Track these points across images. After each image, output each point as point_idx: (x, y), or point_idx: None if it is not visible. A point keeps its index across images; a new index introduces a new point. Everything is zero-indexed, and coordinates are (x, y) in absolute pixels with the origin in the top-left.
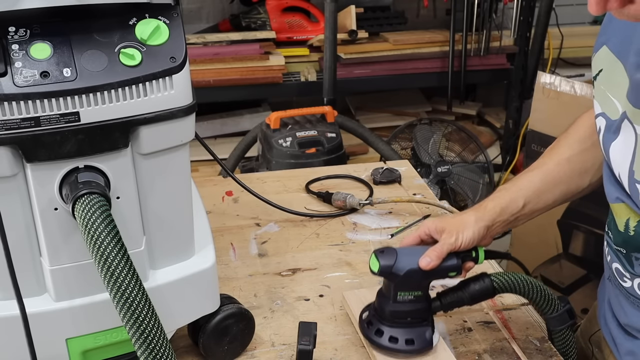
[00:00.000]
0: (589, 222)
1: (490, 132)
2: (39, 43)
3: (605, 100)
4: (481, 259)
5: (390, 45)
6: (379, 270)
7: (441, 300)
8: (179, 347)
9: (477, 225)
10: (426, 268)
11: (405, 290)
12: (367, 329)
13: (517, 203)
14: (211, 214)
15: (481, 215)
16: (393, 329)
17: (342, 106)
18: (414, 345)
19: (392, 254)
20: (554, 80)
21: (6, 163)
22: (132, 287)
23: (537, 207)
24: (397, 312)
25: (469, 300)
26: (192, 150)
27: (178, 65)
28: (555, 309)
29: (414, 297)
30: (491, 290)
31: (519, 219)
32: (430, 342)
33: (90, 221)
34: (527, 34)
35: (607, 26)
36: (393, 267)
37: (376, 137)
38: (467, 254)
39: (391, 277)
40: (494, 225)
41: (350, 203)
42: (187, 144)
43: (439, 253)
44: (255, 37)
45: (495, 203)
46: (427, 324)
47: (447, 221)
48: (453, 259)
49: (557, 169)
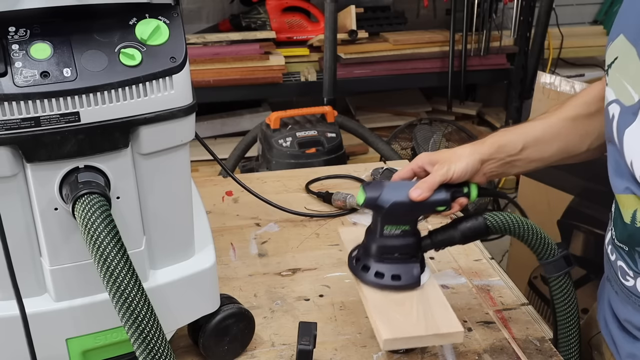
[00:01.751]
0: (589, 222)
1: (490, 132)
2: (39, 43)
3: (620, 87)
4: (473, 196)
5: (390, 45)
6: (364, 202)
7: (432, 238)
8: (179, 347)
9: (471, 157)
10: (417, 199)
11: (392, 224)
12: (354, 266)
13: (516, 145)
14: (211, 214)
15: (477, 148)
16: (380, 264)
17: (342, 106)
18: (400, 281)
19: (379, 186)
20: (554, 80)
21: (6, 163)
22: (131, 287)
23: (534, 155)
24: (384, 247)
25: (460, 238)
26: (192, 150)
27: (178, 65)
28: (552, 254)
29: (401, 232)
30: (484, 229)
31: (515, 163)
32: (418, 280)
33: (90, 221)
34: (527, 34)
35: (623, 15)
36: (378, 199)
37: (376, 137)
38: (459, 189)
39: (377, 209)
40: (489, 162)
41: (350, 203)
42: (187, 144)
43: (430, 184)
44: (255, 37)
45: (494, 140)
46: (415, 261)
47: (442, 153)
48: (442, 193)
49: (560, 124)
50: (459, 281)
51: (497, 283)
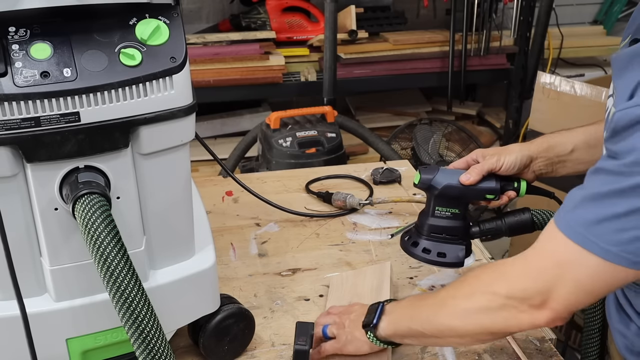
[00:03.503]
0: None
1: (490, 132)
2: (39, 43)
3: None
4: (523, 191)
5: (390, 45)
6: (419, 182)
7: (480, 226)
8: (179, 347)
9: (521, 152)
10: (466, 183)
11: (443, 206)
12: (405, 242)
13: (566, 146)
14: (211, 214)
15: (527, 146)
16: (428, 241)
17: (342, 106)
18: (445, 258)
19: (434, 169)
20: (554, 80)
21: (6, 163)
22: (131, 287)
23: (584, 157)
24: (434, 227)
25: (507, 230)
26: (192, 150)
27: (178, 65)
28: None
29: (451, 214)
30: (530, 224)
31: (565, 164)
32: (462, 261)
33: (91, 221)
34: (527, 34)
35: (636, 18)
36: (432, 180)
37: (376, 137)
38: (509, 182)
39: (430, 190)
40: (538, 159)
41: (350, 203)
42: (187, 144)
43: (479, 170)
44: (255, 37)
45: (544, 140)
46: (461, 243)
47: (494, 148)
48: (492, 181)
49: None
50: None
51: None
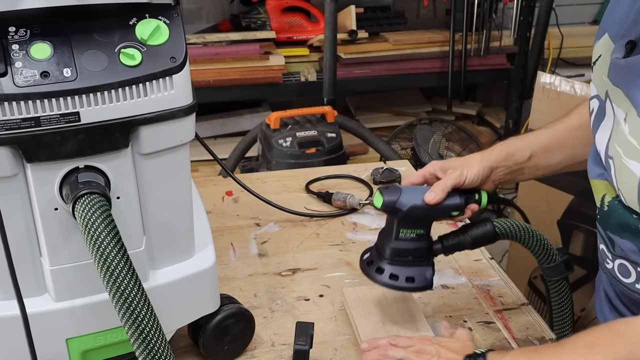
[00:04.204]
0: (589, 222)
1: (490, 132)
2: (39, 43)
3: (601, 83)
4: (484, 202)
5: (390, 45)
6: (382, 206)
7: (443, 243)
8: (179, 347)
9: (481, 164)
10: (431, 202)
11: (408, 228)
12: (367, 268)
13: (524, 153)
14: (211, 214)
15: (487, 156)
16: (394, 266)
17: (342, 106)
18: (414, 283)
19: (396, 190)
20: (554, 80)
21: (6, 163)
22: (131, 287)
23: (541, 163)
24: (399, 250)
25: (470, 244)
26: (192, 150)
27: (178, 65)
28: (553, 259)
29: (415, 235)
30: (492, 235)
31: (523, 171)
32: (431, 282)
33: (91, 221)
34: (527, 34)
35: (609, 15)
36: (396, 202)
37: (376, 137)
38: (470, 196)
39: (394, 212)
40: (498, 169)
41: (350, 203)
42: (187, 144)
43: (443, 187)
44: (255, 37)
45: (502, 148)
46: (427, 264)
47: (452, 160)
48: (456, 198)
49: (566, 132)
50: (459, 281)
51: (497, 283)
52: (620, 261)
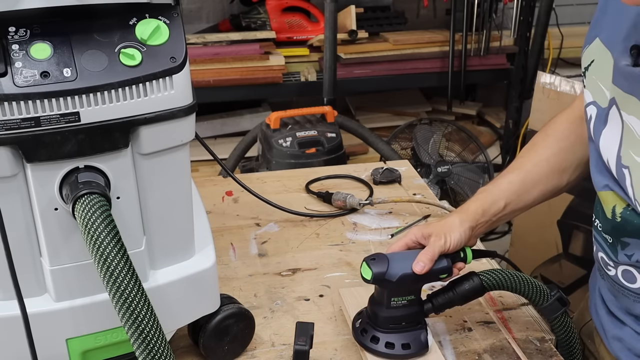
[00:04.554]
0: (589, 222)
1: (490, 132)
2: (39, 43)
3: (596, 89)
4: (469, 259)
5: (390, 45)
6: (372, 278)
7: (432, 302)
8: (179, 347)
9: (462, 226)
10: (421, 272)
11: (399, 296)
12: (362, 337)
13: (499, 204)
14: (211, 214)
15: (465, 217)
16: (388, 334)
17: (342, 106)
18: (411, 349)
19: (384, 260)
20: (554, 80)
21: (6, 163)
22: (131, 287)
23: (517, 207)
24: (392, 318)
25: (460, 300)
26: (192, 150)
27: (178, 65)
28: (546, 299)
29: (407, 302)
30: (480, 289)
31: (501, 219)
32: (426, 345)
33: (91, 221)
34: (527, 34)
35: (599, 20)
36: (386, 273)
37: (376, 137)
38: (456, 255)
39: (384, 283)
40: (477, 226)
41: (350, 203)
42: (187, 144)
43: (431, 256)
44: (255, 37)
45: (477, 205)
46: (421, 327)
47: (433, 226)
48: (443, 261)
49: (535, 170)
50: None
51: None
52: (624, 267)
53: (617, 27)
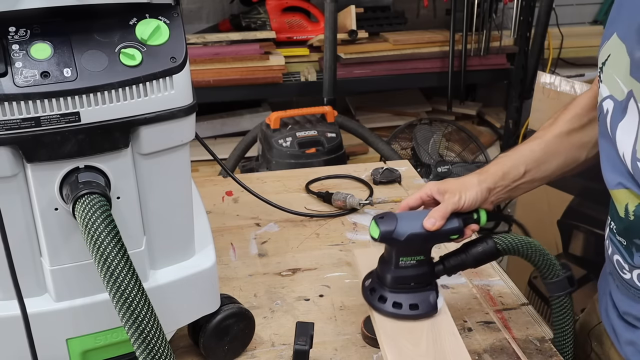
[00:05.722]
0: (589, 222)
1: (490, 132)
2: (39, 43)
3: (613, 83)
4: (483, 221)
5: (390, 45)
6: (379, 237)
7: (444, 264)
8: (179, 347)
9: (479, 186)
10: (432, 229)
11: (407, 256)
12: (370, 296)
13: (519, 169)
14: (211, 214)
15: (484, 177)
16: (396, 294)
17: (342, 106)
18: (419, 310)
19: (393, 219)
20: (554, 80)
21: (6, 163)
22: (131, 287)
23: (537, 175)
24: (400, 278)
25: (472, 262)
26: (192, 150)
27: (178, 65)
28: (556, 274)
29: (416, 262)
30: (494, 252)
31: (520, 187)
32: (435, 306)
33: (91, 221)
34: (527, 34)
35: (615, 16)
36: (394, 232)
37: (376, 137)
38: (469, 216)
39: (392, 242)
40: (496, 189)
41: (350, 203)
42: (187, 144)
43: (443, 213)
44: (255, 37)
45: (497, 167)
46: (430, 288)
47: (450, 182)
48: (454, 221)
49: (556, 141)
50: (459, 281)
51: (497, 283)
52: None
53: (633, 20)
